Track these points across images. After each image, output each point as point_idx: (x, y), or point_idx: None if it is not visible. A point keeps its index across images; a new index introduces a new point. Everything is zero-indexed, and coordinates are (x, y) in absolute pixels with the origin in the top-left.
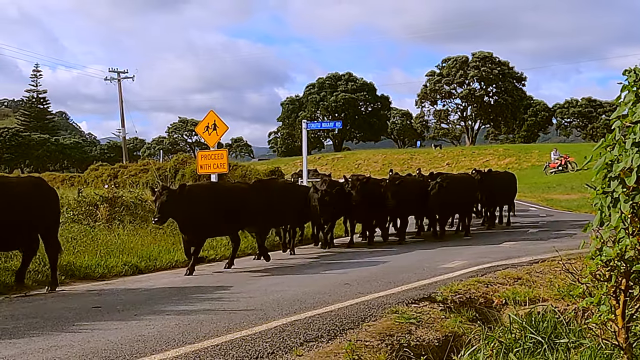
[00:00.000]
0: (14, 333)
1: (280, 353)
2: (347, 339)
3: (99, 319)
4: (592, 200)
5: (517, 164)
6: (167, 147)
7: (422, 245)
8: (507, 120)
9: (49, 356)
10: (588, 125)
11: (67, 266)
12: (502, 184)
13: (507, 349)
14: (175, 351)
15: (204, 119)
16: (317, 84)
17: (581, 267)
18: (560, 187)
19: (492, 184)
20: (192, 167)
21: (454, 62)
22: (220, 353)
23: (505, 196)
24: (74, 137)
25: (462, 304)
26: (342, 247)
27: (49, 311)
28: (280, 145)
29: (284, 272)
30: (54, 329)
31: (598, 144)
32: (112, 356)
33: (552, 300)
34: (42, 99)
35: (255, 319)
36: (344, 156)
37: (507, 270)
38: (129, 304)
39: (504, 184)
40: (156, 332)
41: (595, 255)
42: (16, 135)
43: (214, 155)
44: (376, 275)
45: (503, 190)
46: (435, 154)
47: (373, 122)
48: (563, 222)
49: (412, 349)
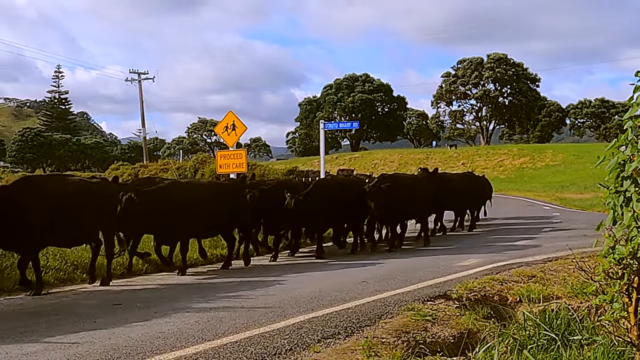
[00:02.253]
0: (36, 330)
1: (298, 350)
2: (364, 335)
3: (120, 316)
4: (605, 199)
5: (531, 164)
6: (186, 147)
7: (438, 244)
8: (522, 121)
9: (70, 352)
10: (601, 125)
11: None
12: (457, 186)
13: (522, 346)
14: (194, 348)
15: (223, 119)
16: (334, 84)
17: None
18: (574, 187)
19: (440, 186)
20: (211, 167)
21: (469, 64)
22: (239, 350)
23: (456, 199)
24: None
25: (477, 301)
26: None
27: (71, 308)
28: (298, 145)
29: (302, 270)
30: (75, 325)
31: (611, 144)
32: (132, 352)
33: (565, 298)
34: (63, 99)
35: (274, 316)
36: (361, 156)
37: (521, 268)
38: (149, 302)
39: (458, 187)
40: (176, 329)
41: (608, 254)
42: (38, 135)
43: (233, 155)
44: (392, 273)
45: (454, 193)
46: (450, 154)
47: (389, 123)
48: (576, 221)
49: (427, 346)
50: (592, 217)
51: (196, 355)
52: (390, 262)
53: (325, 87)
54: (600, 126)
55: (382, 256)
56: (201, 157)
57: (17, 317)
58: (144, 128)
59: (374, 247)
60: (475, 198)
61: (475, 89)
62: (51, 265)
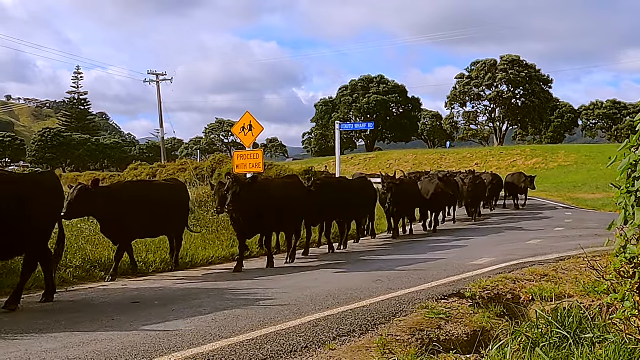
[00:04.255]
0: (55, 327)
1: (313, 347)
2: (378, 333)
3: (138, 313)
4: (616, 199)
5: (544, 164)
6: (204, 147)
7: (452, 243)
8: (534, 122)
9: (89, 350)
10: (613, 126)
11: (108, 262)
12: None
13: (534, 344)
14: (211, 345)
15: (240, 120)
16: (349, 86)
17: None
18: (586, 187)
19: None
20: (228, 167)
21: (483, 65)
22: (256, 347)
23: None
24: (114, 138)
25: (490, 299)
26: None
27: (89, 306)
28: (314, 146)
29: (317, 268)
30: (94, 323)
31: (622, 144)
32: (150, 350)
33: (577, 297)
34: (83, 100)
35: (290, 314)
36: (376, 156)
37: (534, 267)
38: (166, 299)
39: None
40: (193, 326)
41: (619, 253)
42: (58, 135)
43: (249, 155)
44: (406, 271)
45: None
46: (464, 154)
47: (404, 123)
48: (588, 221)
49: (441, 344)
50: (603, 217)
51: (213, 353)
52: (404, 261)
53: (340, 89)
54: (612, 127)
55: (395, 254)
56: (218, 157)
57: (37, 315)
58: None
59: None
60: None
61: (489, 91)
62: (73, 264)
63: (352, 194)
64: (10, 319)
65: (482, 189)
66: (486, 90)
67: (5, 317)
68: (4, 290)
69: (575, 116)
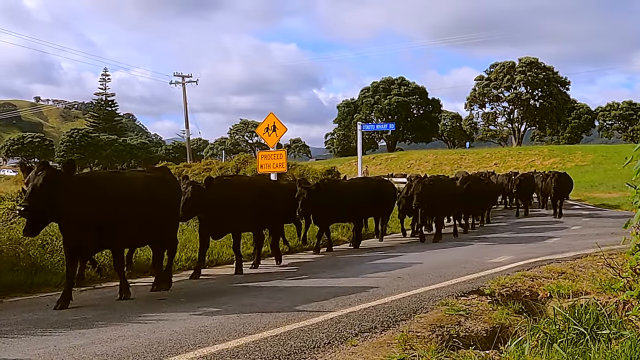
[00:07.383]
0: (82, 324)
1: (336, 343)
2: (399, 329)
3: (164, 310)
4: (632, 198)
5: (561, 164)
6: (229, 148)
7: (471, 241)
8: (552, 123)
9: (116, 346)
10: (629, 127)
11: (135, 260)
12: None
13: (552, 340)
14: (236, 341)
15: (264, 120)
16: (371, 87)
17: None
18: (602, 186)
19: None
20: (252, 167)
21: (502, 67)
22: (279, 343)
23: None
24: (141, 138)
25: (509, 296)
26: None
27: (116, 303)
28: (337, 146)
29: (339, 266)
30: (120, 319)
31: (638, 145)
32: (176, 346)
33: (594, 294)
34: (110, 101)
35: (313, 311)
36: (397, 156)
37: (551, 265)
38: (192, 296)
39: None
40: (218, 323)
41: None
42: (86, 136)
43: (273, 155)
44: (427, 269)
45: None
46: (483, 154)
47: (424, 124)
48: (605, 219)
49: (461, 340)
50: (620, 216)
51: (238, 349)
52: (424, 259)
53: (362, 90)
54: (628, 128)
55: (415, 252)
56: (243, 158)
57: (65, 311)
58: (188, 129)
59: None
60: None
61: (508, 92)
62: (103, 262)
63: (372, 194)
64: (40, 316)
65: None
66: (505, 92)
67: (35, 314)
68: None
69: (592, 117)
